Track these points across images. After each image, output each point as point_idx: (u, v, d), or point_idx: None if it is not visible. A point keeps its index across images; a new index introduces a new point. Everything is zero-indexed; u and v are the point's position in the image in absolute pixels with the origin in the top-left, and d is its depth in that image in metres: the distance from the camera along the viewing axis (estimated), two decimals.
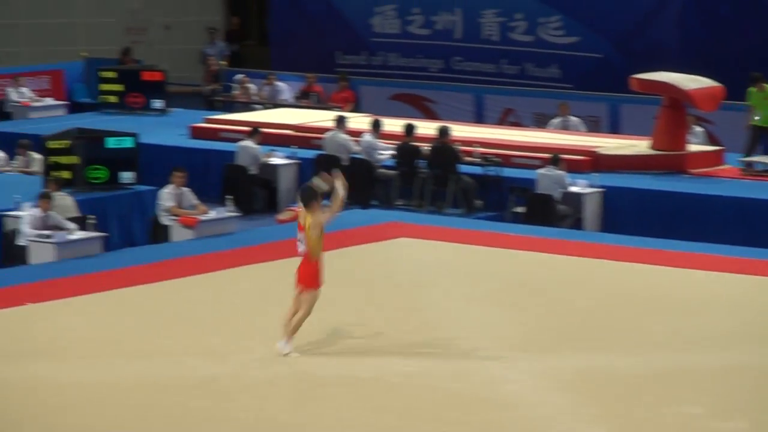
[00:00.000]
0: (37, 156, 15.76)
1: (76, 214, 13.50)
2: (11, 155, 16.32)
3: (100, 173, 14.74)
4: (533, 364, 9.29)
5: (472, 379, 9.01)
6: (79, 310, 10.51)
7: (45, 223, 12.89)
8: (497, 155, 15.94)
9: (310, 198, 9.39)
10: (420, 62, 22.19)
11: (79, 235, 12.89)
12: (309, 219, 9.38)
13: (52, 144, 14.77)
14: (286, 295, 10.93)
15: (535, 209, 14.83)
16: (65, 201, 13.58)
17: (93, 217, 13.30)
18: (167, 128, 18.62)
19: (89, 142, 14.85)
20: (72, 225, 12.99)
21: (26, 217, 12.99)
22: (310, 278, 9.49)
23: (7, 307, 10.41)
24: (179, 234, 13.63)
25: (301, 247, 9.50)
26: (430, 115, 20.41)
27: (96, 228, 13.13)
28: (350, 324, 10.16)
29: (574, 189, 14.99)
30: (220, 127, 18.17)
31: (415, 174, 15.75)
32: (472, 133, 17.01)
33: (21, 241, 12.91)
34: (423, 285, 11.36)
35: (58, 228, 12.87)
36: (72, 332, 9.89)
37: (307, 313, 9.46)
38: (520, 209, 15.08)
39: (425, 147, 15.83)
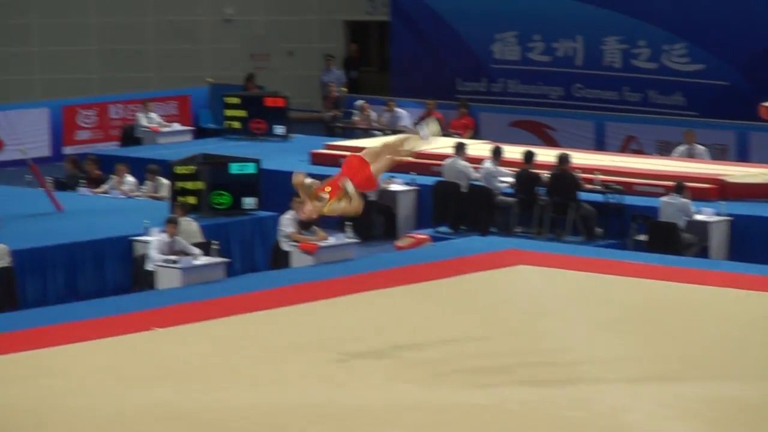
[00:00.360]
0: (164, 181, 16.09)
1: (200, 239, 13.75)
2: (141, 180, 16.71)
3: (224, 199, 15.00)
4: (657, 393, 9.13)
5: (593, 407, 8.89)
6: (202, 335, 10.68)
7: (171, 249, 13.15)
8: (618, 183, 15.77)
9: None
10: (540, 89, 22.10)
11: (204, 260, 13.12)
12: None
13: (179, 169, 15.09)
14: (403, 321, 10.97)
15: (658, 237, 14.62)
16: (191, 226, 13.84)
17: (217, 242, 13.52)
18: (288, 154, 18.86)
19: (214, 168, 15.13)
20: (197, 250, 13.23)
21: (154, 242, 13.27)
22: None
23: (134, 332, 10.64)
24: (299, 260, 13.77)
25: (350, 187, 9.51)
26: (550, 143, 20.29)
27: (219, 253, 13.35)
28: (469, 351, 10.13)
29: (699, 217, 14.76)
30: (341, 153, 18.33)
31: (534, 201, 15.67)
32: (592, 160, 16.86)
33: (149, 266, 13.19)
34: (543, 312, 11.27)
35: (184, 253, 13.12)
36: (194, 357, 10.05)
37: None
38: (642, 237, 14.89)
39: (545, 174, 15.75)
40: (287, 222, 14.04)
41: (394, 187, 16.69)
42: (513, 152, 16.48)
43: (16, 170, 18.72)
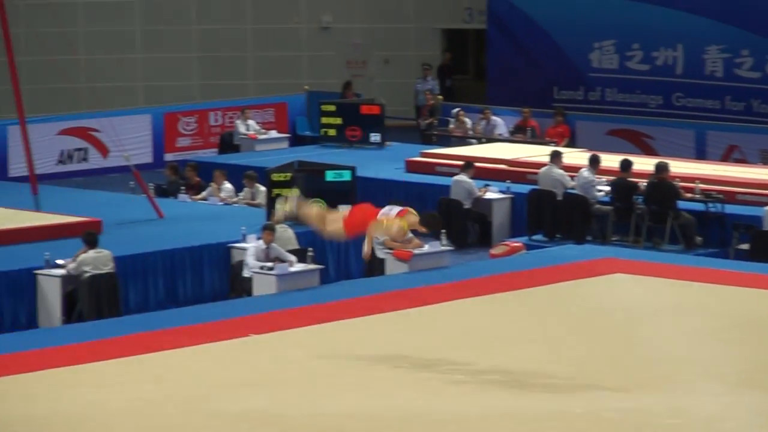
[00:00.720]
0: (262, 188, 16.26)
1: (296, 246, 13.86)
2: (239, 187, 16.90)
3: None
4: (756, 402, 8.97)
5: (690, 415, 8.77)
6: (297, 342, 10.77)
7: (267, 255, 13.28)
8: (720, 192, 15.55)
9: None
10: (639, 98, 21.87)
11: (299, 267, 13.22)
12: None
13: (276, 176, 15.24)
14: (498, 328, 10.93)
15: (761, 246, 14.37)
16: (287, 233, 13.96)
17: (312, 249, 13.62)
18: (384, 162, 18.91)
19: (310, 175, 15.26)
20: (292, 257, 13.34)
21: (251, 249, 13.42)
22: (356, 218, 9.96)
23: (230, 338, 10.76)
24: (393, 267, 13.79)
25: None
26: (649, 151, 20.07)
27: (314, 260, 13.45)
28: (565, 358, 10.06)
29: None
30: (436, 161, 18.35)
31: (631, 210, 15.51)
32: (693, 169, 16.65)
33: (246, 273, 13.35)
34: (640, 320, 11.15)
35: (280, 260, 13.24)
36: (288, 364, 10.14)
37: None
38: (744, 246, 14.65)
39: (642, 183, 15.58)
40: None
41: (490, 195, 16.64)
42: (610, 161, 16.34)
43: (120, 176, 19.08)
